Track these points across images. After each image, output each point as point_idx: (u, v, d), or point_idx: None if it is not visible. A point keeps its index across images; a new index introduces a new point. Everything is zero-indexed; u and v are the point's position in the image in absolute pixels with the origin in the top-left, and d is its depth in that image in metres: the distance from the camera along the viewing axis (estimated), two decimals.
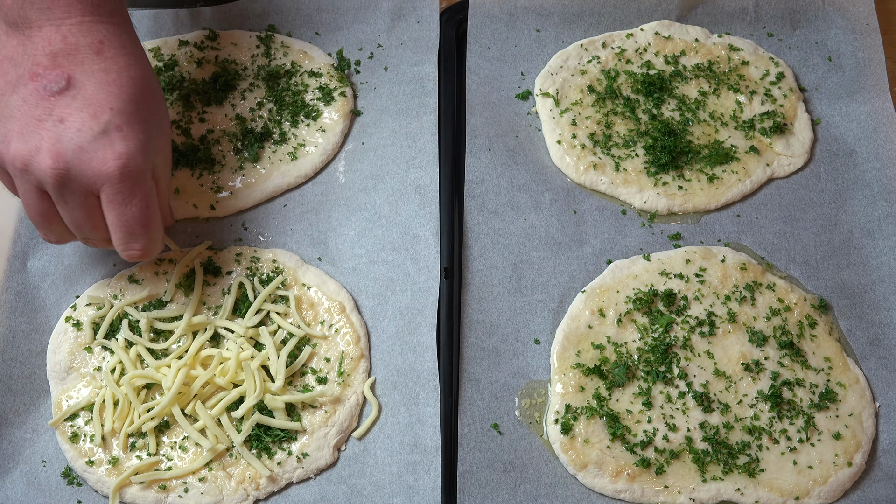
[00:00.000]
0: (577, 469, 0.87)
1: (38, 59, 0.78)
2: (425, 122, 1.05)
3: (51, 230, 0.85)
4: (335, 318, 0.94)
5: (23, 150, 0.77)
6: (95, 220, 0.83)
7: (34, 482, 0.88)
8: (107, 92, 0.78)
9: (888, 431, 0.90)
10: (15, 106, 0.78)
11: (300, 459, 0.87)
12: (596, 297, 0.95)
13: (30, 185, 0.80)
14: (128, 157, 0.78)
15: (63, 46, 0.78)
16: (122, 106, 0.79)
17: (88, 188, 0.79)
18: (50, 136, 0.77)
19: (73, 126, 0.77)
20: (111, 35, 0.80)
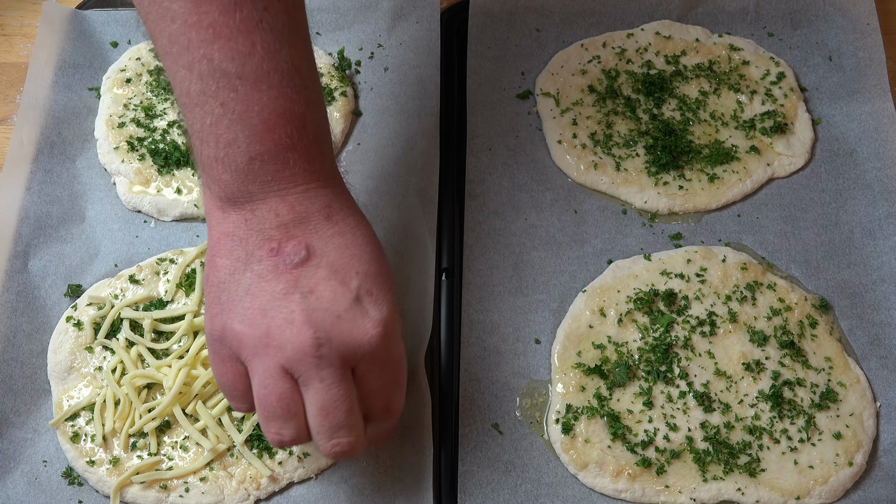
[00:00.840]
0: (578, 469, 0.87)
1: (269, 234, 0.71)
2: (426, 122, 1.05)
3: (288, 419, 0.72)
4: None
5: (270, 324, 0.69)
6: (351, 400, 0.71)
7: (35, 482, 0.88)
8: (349, 256, 0.72)
9: (889, 431, 0.90)
10: (250, 283, 0.71)
11: (301, 459, 0.88)
12: (597, 297, 0.95)
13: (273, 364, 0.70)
14: (385, 323, 0.71)
15: (293, 217, 0.71)
16: (366, 269, 0.72)
17: (347, 360, 0.70)
18: (302, 309, 0.69)
19: (325, 296, 0.70)
20: (335, 198, 0.74)
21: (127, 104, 1.07)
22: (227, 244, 0.72)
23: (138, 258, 0.99)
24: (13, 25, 1.18)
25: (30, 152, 1.05)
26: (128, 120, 1.06)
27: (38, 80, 1.08)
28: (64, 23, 1.13)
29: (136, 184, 1.02)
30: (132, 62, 1.10)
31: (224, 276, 0.72)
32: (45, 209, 1.02)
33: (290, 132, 0.69)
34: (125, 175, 1.03)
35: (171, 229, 1.01)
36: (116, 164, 1.04)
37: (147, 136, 1.05)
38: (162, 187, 1.02)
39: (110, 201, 1.03)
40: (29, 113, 1.06)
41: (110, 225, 1.02)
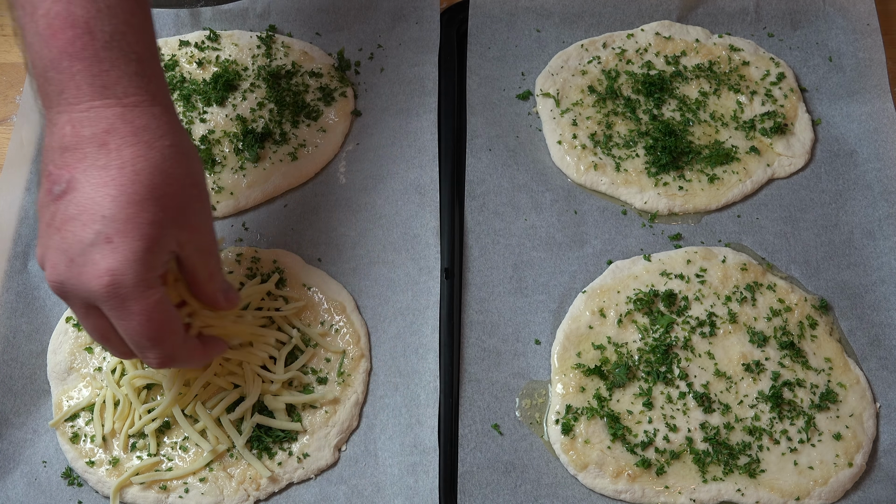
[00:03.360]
0: (578, 469, 0.87)
1: (51, 156, 0.70)
2: (425, 121, 1.05)
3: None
4: (336, 319, 0.94)
5: (39, 253, 0.72)
6: (103, 332, 0.74)
7: (35, 483, 0.88)
8: (102, 195, 0.68)
9: (889, 432, 0.90)
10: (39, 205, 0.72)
11: (301, 460, 0.88)
12: (596, 298, 0.95)
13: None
14: (114, 273, 0.68)
15: (72, 140, 0.69)
16: (117, 211, 0.68)
17: (86, 301, 0.71)
18: (52, 245, 0.70)
19: (67, 237, 0.69)
20: (121, 122, 0.69)
21: None
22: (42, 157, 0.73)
23: None
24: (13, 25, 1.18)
25: (30, 152, 1.05)
26: None
27: None
28: None
29: None
30: None
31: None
32: None
33: (71, 38, 0.67)
34: None
35: None
36: None
37: None
38: None
39: None
40: (29, 113, 1.06)
41: None
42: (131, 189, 0.68)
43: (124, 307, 0.70)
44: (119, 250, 0.68)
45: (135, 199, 0.69)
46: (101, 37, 0.68)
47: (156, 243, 0.70)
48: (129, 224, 0.68)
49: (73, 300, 0.71)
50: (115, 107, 0.69)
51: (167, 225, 0.71)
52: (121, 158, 0.69)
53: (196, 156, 0.76)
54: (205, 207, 0.77)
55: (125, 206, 0.68)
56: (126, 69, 0.70)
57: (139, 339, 0.72)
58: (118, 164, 0.68)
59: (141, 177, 0.69)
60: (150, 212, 0.69)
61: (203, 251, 0.77)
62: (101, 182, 0.68)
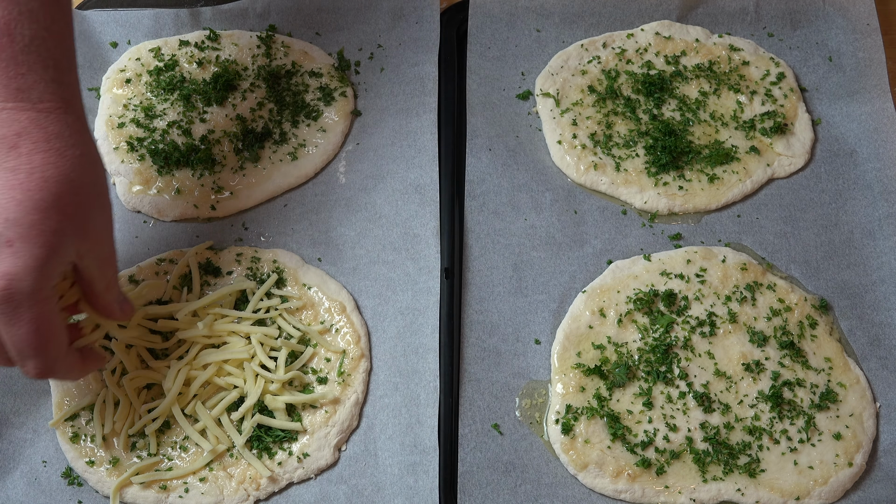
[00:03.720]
0: (578, 469, 0.87)
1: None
2: (425, 121, 1.05)
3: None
4: (335, 318, 0.94)
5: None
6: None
7: (35, 482, 0.88)
8: (8, 197, 0.67)
9: (889, 432, 0.90)
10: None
11: (301, 459, 0.88)
12: (596, 298, 0.95)
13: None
14: (11, 279, 0.67)
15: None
16: (20, 216, 0.67)
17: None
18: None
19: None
20: (34, 126, 0.68)
21: (127, 104, 1.07)
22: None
23: (138, 258, 0.99)
24: None
25: None
26: (127, 120, 1.06)
27: None
28: None
29: (135, 184, 1.02)
30: (132, 62, 1.10)
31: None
32: None
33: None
34: (125, 175, 1.03)
35: (170, 229, 1.01)
36: (116, 165, 1.03)
37: (147, 136, 1.05)
38: (162, 187, 1.02)
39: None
40: None
41: None
42: (38, 195, 0.67)
43: (15, 313, 0.68)
44: (19, 255, 0.67)
45: (41, 205, 0.68)
46: (20, 40, 0.67)
47: (56, 252, 0.69)
48: (33, 230, 0.67)
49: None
50: (29, 111, 0.68)
51: (69, 234, 0.70)
52: (31, 163, 0.68)
53: (102, 167, 0.76)
54: (107, 219, 0.77)
55: (30, 211, 0.67)
56: (43, 74, 0.69)
57: (23, 347, 0.71)
58: (27, 169, 0.67)
59: (49, 184, 0.68)
60: (54, 220, 0.68)
61: (102, 262, 0.76)
62: (7, 185, 0.67)
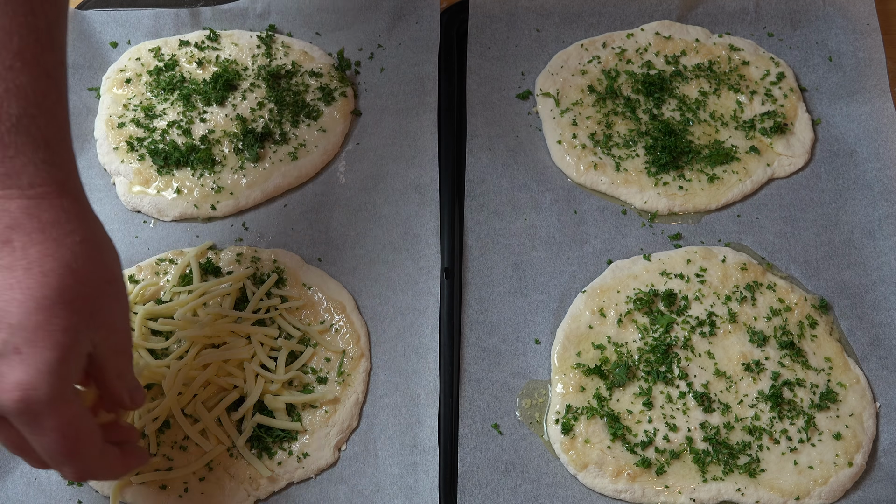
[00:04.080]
0: (578, 469, 0.87)
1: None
2: (425, 120, 1.06)
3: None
4: (335, 318, 0.94)
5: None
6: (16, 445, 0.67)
7: (34, 482, 0.88)
8: (7, 299, 0.61)
9: (889, 431, 0.90)
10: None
11: (301, 459, 0.88)
12: (596, 297, 0.95)
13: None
14: (26, 388, 0.61)
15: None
16: (24, 318, 0.61)
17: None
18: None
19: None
20: (25, 216, 0.62)
21: (126, 104, 1.07)
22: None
23: (138, 258, 0.99)
24: None
25: None
26: (127, 120, 1.06)
27: None
28: None
29: (135, 184, 1.02)
30: (132, 62, 1.10)
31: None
32: None
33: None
34: (125, 175, 1.03)
35: (170, 229, 1.01)
36: (116, 165, 1.04)
37: (147, 136, 1.05)
38: (162, 187, 1.02)
39: (110, 201, 1.03)
40: None
41: (110, 225, 1.01)
42: (40, 293, 0.61)
43: (37, 423, 0.63)
44: (29, 362, 0.61)
45: (44, 303, 0.62)
46: (6, 119, 0.61)
47: (69, 351, 0.63)
48: (40, 332, 0.61)
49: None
50: (19, 199, 0.62)
51: (81, 329, 0.64)
52: (27, 258, 0.62)
53: (111, 247, 0.71)
54: (121, 304, 0.70)
55: (34, 312, 0.61)
56: (33, 156, 0.63)
57: (54, 455, 0.65)
58: (24, 265, 0.61)
59: (50, 278, 0.62)
60: (61, 317, 0.62)
61: (117, 351, 0.71)
62: (5, 285, 0.61)
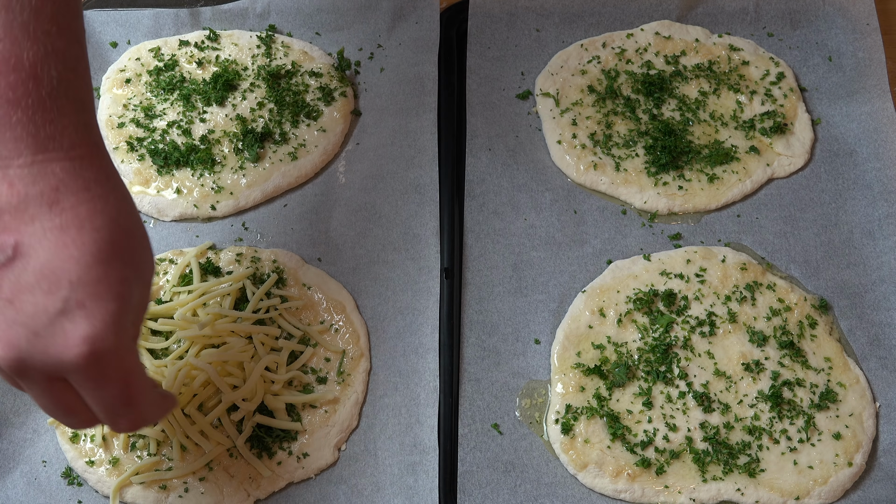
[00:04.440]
0: (578, 469, 0.87)
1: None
2: (425, 121, 1.06)
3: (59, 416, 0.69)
4: (335, 318, 0.94)
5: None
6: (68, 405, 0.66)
7: (34, 482, 0.88)
8: (65, 257, 0.61)
9: (888, 431, 0.90)
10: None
11: (300, 459, 0.88)
12: (596, 297, 0.95)
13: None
14: (94, 341, 0.61)
15: (12, 200, 0.61)
16: (83, 273, 0.61)
17: (51, 375, 0.63)
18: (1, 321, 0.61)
19: (25, 309, 0.61)
20: (70, 176, 0.63)
21: (126, 104, 1.07)
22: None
23: None
24: None
25: None
26: (127, 120, 1.06)
27: None
28: None
29: (135, 184, 1.02)
30: (132, 62, 1.10)
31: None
32: None
33: (13, 83, 0.60)
34: (125, 175, 1.03)
35: (170, 229, 1.01)
36: (116, 165, 1.04)
37: (147, 136, 1.05)
38: (161, 187, 1.02)
39: None
40: None
41: None
42: (95, 248, 0.62)
43: (102, 375, 0.63)
44: (95, 315, 0.62)
45: (101, 258, 0.62)
46: (47, 83, 0.61)
47: (127, 302, 0.64)
48: (101, 286, 0.62)
49: (33, 377, 0.63)
50: (63, 160, 0.63)
51: (132, 281, 0.65)
52: (78, 217, 0.62)
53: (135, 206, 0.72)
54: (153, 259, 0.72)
55: (93, 266, 0.62)
56: (73, 118, 0.64)
57: (115, 406, 0.66)
58: (76, 224, 0.62)
59: (102, 234, 0.63)
60: (118, 270, 0.64)
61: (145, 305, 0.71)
62: (59, 244, 0.61)
